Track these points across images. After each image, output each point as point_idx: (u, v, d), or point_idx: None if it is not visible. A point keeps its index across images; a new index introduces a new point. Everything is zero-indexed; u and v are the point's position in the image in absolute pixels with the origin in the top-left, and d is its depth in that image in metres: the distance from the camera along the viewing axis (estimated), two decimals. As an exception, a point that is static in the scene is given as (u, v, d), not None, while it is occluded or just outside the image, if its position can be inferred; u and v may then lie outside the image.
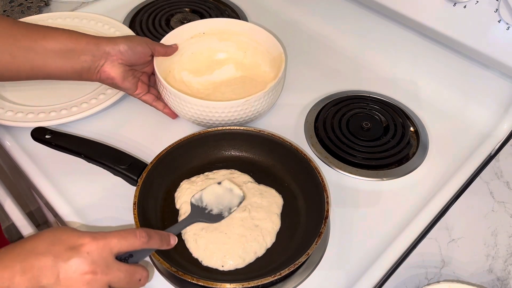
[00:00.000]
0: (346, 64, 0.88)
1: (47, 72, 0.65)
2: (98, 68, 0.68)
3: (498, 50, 0.68)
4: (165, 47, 0.74)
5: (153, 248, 0.52)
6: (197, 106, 0.68)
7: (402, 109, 0.79)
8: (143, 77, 0.75)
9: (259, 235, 0.59)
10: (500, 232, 0.64)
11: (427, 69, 0.83)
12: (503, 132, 0.75)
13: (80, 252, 0.44)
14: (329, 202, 0.59)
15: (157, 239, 0.52)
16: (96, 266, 0.45)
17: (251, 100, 0.68)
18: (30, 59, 0.63)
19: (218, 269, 0.57)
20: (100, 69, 0.68)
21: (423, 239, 0.63)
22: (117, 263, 0.47)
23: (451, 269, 0.60)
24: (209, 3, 0.99)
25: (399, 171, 0.70)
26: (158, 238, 0.52)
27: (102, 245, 0.46)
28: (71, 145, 0.66)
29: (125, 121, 0.76)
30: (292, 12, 0.97)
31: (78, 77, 0.68)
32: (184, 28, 0.79)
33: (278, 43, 0.76)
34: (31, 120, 0.71)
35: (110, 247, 0.46)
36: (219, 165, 0.68)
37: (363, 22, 0.87)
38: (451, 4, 0.69)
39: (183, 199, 0.63)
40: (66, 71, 0.66)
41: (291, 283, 0.57)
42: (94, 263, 0.45)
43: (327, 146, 0.72)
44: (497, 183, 0.69)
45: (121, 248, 0.47)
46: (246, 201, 0.62)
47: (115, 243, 0.47)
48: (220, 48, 0.83)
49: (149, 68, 0.74)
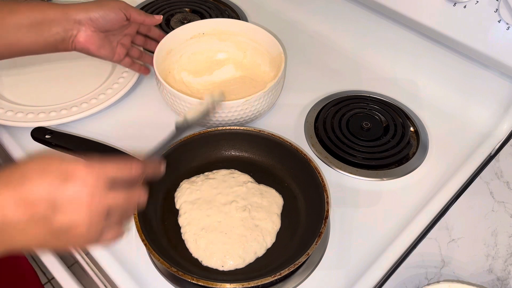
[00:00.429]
0: (346, 64, 0.88)
1: (22, 48, 0.64)
2: (72, 39, 0.66)
3: (498, 50, 0.68)
4: (143, 15, 0.71)
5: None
6: (196, 105, 0.67)
7: (402, 109, 0.79)
8: (125, 39, 0.72)
9: (259, 235, 0.59)
10: (500, 232, 0.64)
11: (427, 69, 0.83)
12: (503, 132, 0.75)
13: (76, 178, 0.41)
14: (329, 202, 0.59)
15: (150, 171, 0.51)
16: (93, 190, 0.42)
17: (251, 100, 0.68)
18: (3, 37, 0.62)
19: (218, 269, 0.57)
20: (74, 39, 0.66)
21: (423, 239, 0.62)
22: (114, 188, 0.44)
23: (451, 269, 0.60)
24: (209, 3, 0.99)
25: (399, 171, 0.70)
26: (152, 169, 0.51)
27: (97, 170, 0.43)
28: (71, 145, 0.67)
29: (125, 121, 0.75)
30: (292, 12, 0.97)
31: (54, 49, 0.66)
32: (183, 28, 0.79)
33: (277, 43, 0.76)
34: (31, 120, 0.71)
35: (106, 173, 0.44)
36: (219, 165, 0.68)
37: (363, 22, 0.87)
38: (451, 4, 0.69)
39: (183, 199, 0.63)
40: (41, 44, 0.64)
41: (291, 283, 0.57)
42: (91, 188, 0.42)
43: (327, 146, 0.72)
44: (497, 183, 0.69)
45: (116, 175, 0.45)
46: (246, 201, 0.62)
47: (110, 170, 0.44)
48: (219, 48, 0.83)
49: (130, 29, 0.72)
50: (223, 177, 0.65)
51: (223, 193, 0.63)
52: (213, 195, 0.63)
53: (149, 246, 0.54)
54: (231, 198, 0.62)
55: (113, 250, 0.60)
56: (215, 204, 0.62)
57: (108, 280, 0.65)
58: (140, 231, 0.55)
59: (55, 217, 0.41)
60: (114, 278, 0.58)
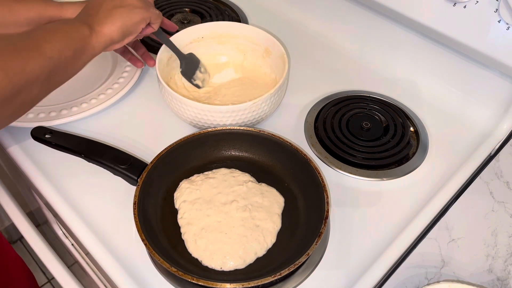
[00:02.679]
0: (346, 64, 0.88)
1: None
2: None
3: (498, 50, 0.68)
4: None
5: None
6: (204, 111, 0.67)
7: (402, 109, 0.79)
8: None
9: (260, 236, 0.59)
10: (500, 232, 0.64)
11: (427, 69, 0.83)
12: (503, 132, 0.75)
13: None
14: (329, 202, 0.59)
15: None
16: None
17: (258, 102, 0.68)
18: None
19: (218, 269, 0.57)
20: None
21: (423, 239, 0.63)
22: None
23: (451, 269, 0.60)
24: (209, 3, 0.98)
25: (399, 171, 0.70)
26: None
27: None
28: (71, 144, 0.67)
29: (125, 121, 0.76)
30: (292, 12, 0.97)
31: None
32: (182, 33, 0.79)
33: (279, 44, 0.76)
34: (31, 120, 0.71)
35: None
36: (219, 165, 0.68)
37: (363, 22, 0.87)
38: (451, 4, 0.69)
39: (182, 199, 0.63)
40: None
41: (291, 283, 0.57)
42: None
43: (327, 146, 0.72)
44: (497, 183, 0.69)
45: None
46: (246, 200, 0.62)
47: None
48: (219, 51, 0.83)
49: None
50: (223, 177, 0.65)
51: (223, 193, 0.63)
52: (213, 195, 0.63)
53: (149, 246, 0.54)
54: (232, 198, 0.62)
55: (113, 250, 0.60)
56: (215, 204, 0.62)
57: (108, 280, 0.65)
58: (140, 231, 0.55)
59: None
60: (114, 278, 0.58)
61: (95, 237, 0.61)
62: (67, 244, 1.11)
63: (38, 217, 1.33)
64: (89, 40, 0.59)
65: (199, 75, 0.79)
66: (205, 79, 0.80)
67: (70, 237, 0.94)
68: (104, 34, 0.60)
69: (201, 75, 0.80)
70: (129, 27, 0.63)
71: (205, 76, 0.80)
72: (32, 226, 0.77)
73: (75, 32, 0.58)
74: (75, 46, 0.57)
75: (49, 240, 0.74)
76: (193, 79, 0.79)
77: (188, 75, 0.79)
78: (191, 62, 0.79)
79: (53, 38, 0.55)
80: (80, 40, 0.58)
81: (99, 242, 0.61)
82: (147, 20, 0.66)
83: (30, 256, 1.44)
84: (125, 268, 0.59)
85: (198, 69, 0.80)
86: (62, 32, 0.57)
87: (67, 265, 0.70)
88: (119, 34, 0.62)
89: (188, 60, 0.78)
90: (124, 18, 0.62)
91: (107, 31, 0.61)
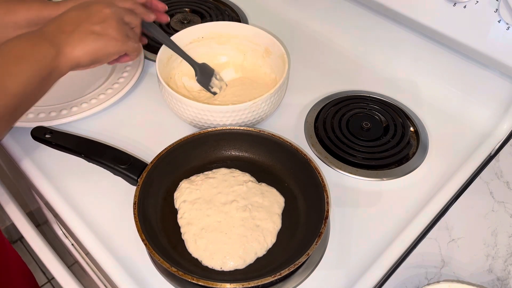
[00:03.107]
0: (346, 64, 0.88)
1: None
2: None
3: (498, 50, 0.68)
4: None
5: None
6: (204, 111, 0.67)
7: (402, 109, 0.79)
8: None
9: (260, 236, 0.59)
10: (500, 232, 0.64)
11: (427, 69, 0.83)
12: (503, 132, 0.75)
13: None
14: (329, 202, 0.59)
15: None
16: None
17: (258, 102, 0.68)
18: (1, 37, 0.62)
19: (218, 269, 0.57)
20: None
21: (423, 239, 0.63)
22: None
23: (451, 269, 0.60)
24: (209, 3, 0.98)
25: (399, 171, 0.70)
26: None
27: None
28: (71, 144, 0.67)
29: (125, 121, 0.76)
30: (292, 12, 0.97)
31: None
32: (182, 33, 0.79)
33: (279, 44, 0.76)
34: (31, 120, 0.71)
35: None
36: (219, 165, 0.68)
37: (363, 22, 0.87)
38: (451, 4, 0.69)
39: (182, 199, 0.63)
40: None
41: (291, 283, 0.57)
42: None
43: (327, 146, 0.72)
44: (497, 183, 0.69)
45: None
46: (246, 200, 0.62)
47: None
48: (219, 51, 0.83)
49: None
50: (223, 176, 0.65)
51: (223, 193, 0.63)
52: (213, 195, 0.63)
53: (149, 246, 0.54)
54: (232, 198, 0.62)
55: (113, 250, 0.60)
56: (215, 204, 0.62)
57: (108, 280, 0.65)
58: (140, 231, 0.55)
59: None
60: (114, 278, 0.58)
61: (95, 237, 0.61)
62: (67, 244, 1.11)
63: (38, 217, 1.33)
64: (56, 64, 0.56)
65: (215, 82, 0.78)
66: (222, 86, 0.79)
67: (70, 237, 0.94)
68: (72, 57, 0.58)
69: (218, 82, 0.78)
70: (100, 56, 0.61)
71: (221, 83, 0.79)
72: (32, 226, 0.77)
73: (42, 58, 0.54)
74: (42, 74, 0.54)
75: (49, 240, 0.74)
76: (210, 86, 0.78)
77: (204, 83, 0.77)
78: (204, 70, 0.78)
79: (17, 71, 0.51)
80: (47, 66, 0.55)
81: (99, 242, 0.61)
82: (121, 53, 0.64)
83: (30, 256, 1.44)
84: (125, 268, 0.59)
85: (214, 76, 0.78)
86: (27, 60, 0.53)
87: (67, 265, 0.70)
88: (87, 59, 0.60)
89: (202, 68, 0.77)
90: (98, 46, 0.60)
91: (76, 55, 0.58)
